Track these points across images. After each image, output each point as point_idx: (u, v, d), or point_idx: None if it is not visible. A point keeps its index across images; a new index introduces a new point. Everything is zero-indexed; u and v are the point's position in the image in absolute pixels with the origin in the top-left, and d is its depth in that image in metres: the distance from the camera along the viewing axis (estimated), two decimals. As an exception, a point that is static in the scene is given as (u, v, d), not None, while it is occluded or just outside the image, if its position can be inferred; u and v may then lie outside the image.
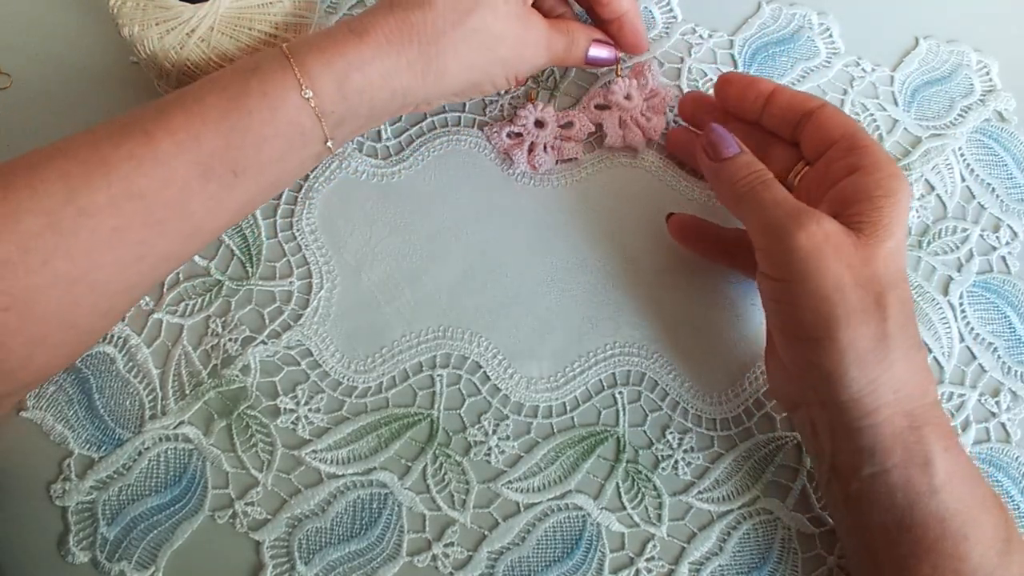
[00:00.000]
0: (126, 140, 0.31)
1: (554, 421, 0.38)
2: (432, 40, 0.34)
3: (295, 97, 0.33)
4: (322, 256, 0.40)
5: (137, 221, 0.31)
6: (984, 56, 0.46)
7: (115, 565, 0.35)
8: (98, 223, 0.30)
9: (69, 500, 0.36)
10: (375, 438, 0.37)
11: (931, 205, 0.42)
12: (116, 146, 0.31)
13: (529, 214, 0.41)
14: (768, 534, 0.36)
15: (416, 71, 0.35)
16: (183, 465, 0.37)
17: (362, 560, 0.36)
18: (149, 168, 0.31)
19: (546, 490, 0.37)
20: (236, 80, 0.33)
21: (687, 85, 0.44)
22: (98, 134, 0.31)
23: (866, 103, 0.44)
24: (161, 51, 0.36)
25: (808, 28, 0.46)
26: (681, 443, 0.37)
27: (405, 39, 0.34)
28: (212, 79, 0.33)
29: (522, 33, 0.37)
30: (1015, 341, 0.40)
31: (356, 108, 0.35)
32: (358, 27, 0.34)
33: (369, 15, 0.35)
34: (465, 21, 0.35)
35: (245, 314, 0.39)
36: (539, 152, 0.41)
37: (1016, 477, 0.38)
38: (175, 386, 0.38)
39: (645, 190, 0.41)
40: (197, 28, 0.36)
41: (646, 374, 0.38)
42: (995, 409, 0.39)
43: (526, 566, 0.36)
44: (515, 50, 0.37)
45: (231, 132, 0.32)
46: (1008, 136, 0.44)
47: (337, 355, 0.38)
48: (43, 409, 0.37)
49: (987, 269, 0.41)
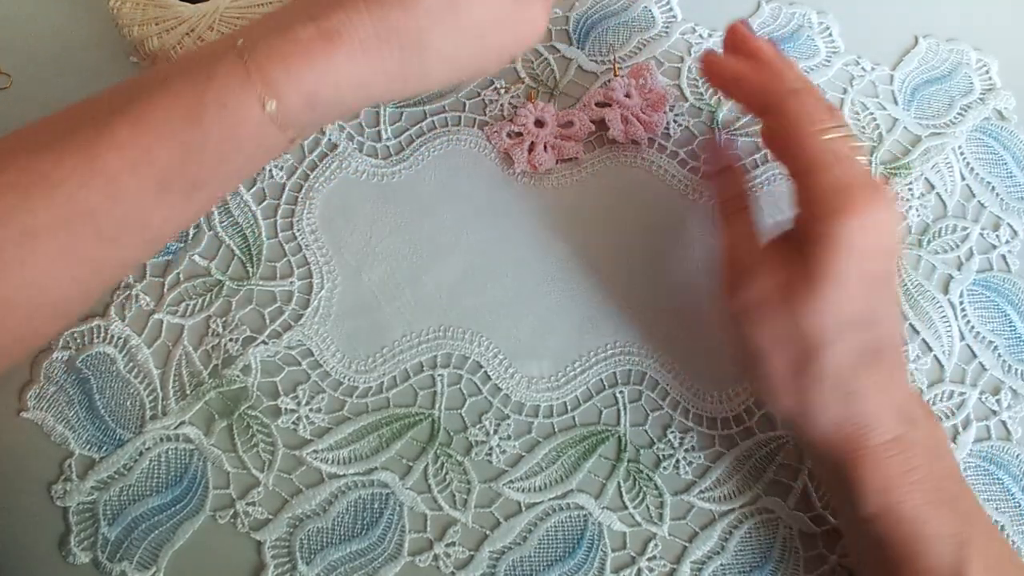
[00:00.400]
0: (68, 155, 0.27)
1: (555, 421, 0.38)
2: (415, 43, 0.30)
3: (257, 112, 0.28)
4: (322, 256, 0.40)
5: (89, 239, 0.28)
6: (984, 55, 0.46)
7: (116, 565, 0.35)
8: (44, 244, 0.27)
9: (70, 500, 0.36)
10: (376, 438, 0.37)
11: (931, 204, 0.42)
12: (57, 161, 0.27)
13: (529, 214, 0.41)
14: (770, 533, 0.36)
15: (395, 78, 0.30)
16: (184, 465, 0.37)
17: (363, 560, 0.36)
18: (97, 185, 0.27)
19: (547, 490, 0.37)
20: (188, 88, 0.28)
21: (687, 85, 0.44)
22: (38, 139, 0.28)
23: (866, 102, 0.44)
24: (161, 51, 0.36)
25: (808, 27, 0.46)
26: (682, 442, 0.37)
27: (384, 45, 0.29)
28: (160, 79, 0.29)
29: (518, 11, 0.32)
30: (1015, 339, 0.40)
31: (325, 115, 0.31)
32: (326, 26, 0.29)
33: (338, 7, 0.29)
34: (453, 17, 0.30)
35: (246, 314, 0.39)
36: (539, 151, 0.41)
37: (1017, 475, 0.38)
38: (176, 386, 0.38)
39: (646, 189, 0.41)
40: (197, 28, 0.36)
41: (647, 373, 0.38)
42: (996, 407, 0.39)
43: (528, 566, 0.36)
44: (510, 33, 0.33)
45: (186, 149, 0.28)
46: (1008, 135, 0.44)
47: (338, 355, 0.38)
48: (44, 410, 0.37)
49: (987, 267, 0.42)
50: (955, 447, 0.38)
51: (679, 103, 0.43)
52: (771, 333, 0.31)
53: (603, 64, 0.44)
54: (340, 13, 0.29)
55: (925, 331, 0.40)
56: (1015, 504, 0.38)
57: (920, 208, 0.42)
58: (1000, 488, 0.38)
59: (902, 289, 0.41)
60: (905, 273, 0.41)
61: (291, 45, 0.28)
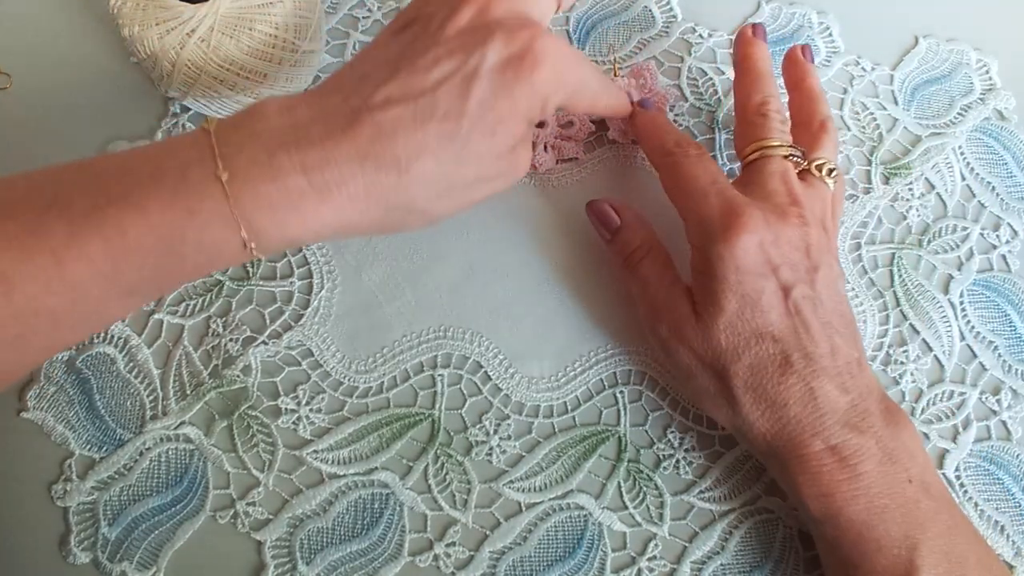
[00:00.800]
0: (30, 259, 0.25)
1: (555, 421, 0.38)
2: (403, 204, 0.29)
3: (236, 246, 0.27)
4: (323, 256, 0.40)
5: (45, 330, 0.27)
6: (984, 55, 0.46)
7: (116, 566, 0.35)
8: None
9: (70, 501, 0.36)
10: (376, 438, 0.37)
11: (931, 204, 0.42)
12: (19, 260, 0.25)
13: (530, 214, 0.41)
14: (770, 533, 0.36)
15: (376, 225, 0.30)
16: (184, 465, 0.37)
17: (364, 560, 0.36)
18: (59, 290, 0.26)
19: (548, 490, 0.37)
20: (166, 219, 0.26)
21: (687, 85, 0.44)
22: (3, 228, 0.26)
23: (866, 102, 0.44)
24: (161, 51, 0.36)
25: (808, 27, 0.46)
26: (682, 442, 0.37)
27: (372, 203, 0.28)
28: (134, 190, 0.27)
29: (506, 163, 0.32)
30: (1015, 339, 0.40)
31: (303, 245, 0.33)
32: (318, 182, 0.27)
33: (332, 162, 0.27)
34: (445, 181, 0.30)
35: (246, 314, 0.39)
36: (539, 151, 0.41)
37: (1017, 475, 0.38)
38: (176, 386, 0.38)
39: (646, 189, 0.41)
40: (197, 28, 0.36)
41: (647, 373, 0.38)
42: (996, 407, 0.39)
43: (528, 566, 0.36)
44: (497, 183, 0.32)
45: (158, 270, 0.27)
46: (1008, 135, 0.44)
47: (338, 355, 0.38)
48: (44, 410, 0.37)
49: (987, 267, 0.42)
50: (955, 447, 0.38)
51: (679, 103, 0.43)
52: (689, 357, 0.34)
53: (603, 64, 0.44)
54: (333, 169, 0.27)
55: (925, 331, 0.40)
56: (1015, 504, 0.38)
57: (920, 208, 0.42)
58: (1000, 488, 0.38)
59: (903, 289, 0.41)
60: (905, 273, 0.41)
61: (280, 196, 0.27)
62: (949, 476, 0.38)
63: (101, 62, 0.43)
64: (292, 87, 0.41)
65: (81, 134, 0.42)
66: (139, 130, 0.42)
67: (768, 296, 0.32)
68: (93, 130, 0.42)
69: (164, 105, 0.42)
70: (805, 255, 0.33)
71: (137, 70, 0.43)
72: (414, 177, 0.28)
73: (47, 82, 0.43)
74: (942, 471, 0.38)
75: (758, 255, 0.32)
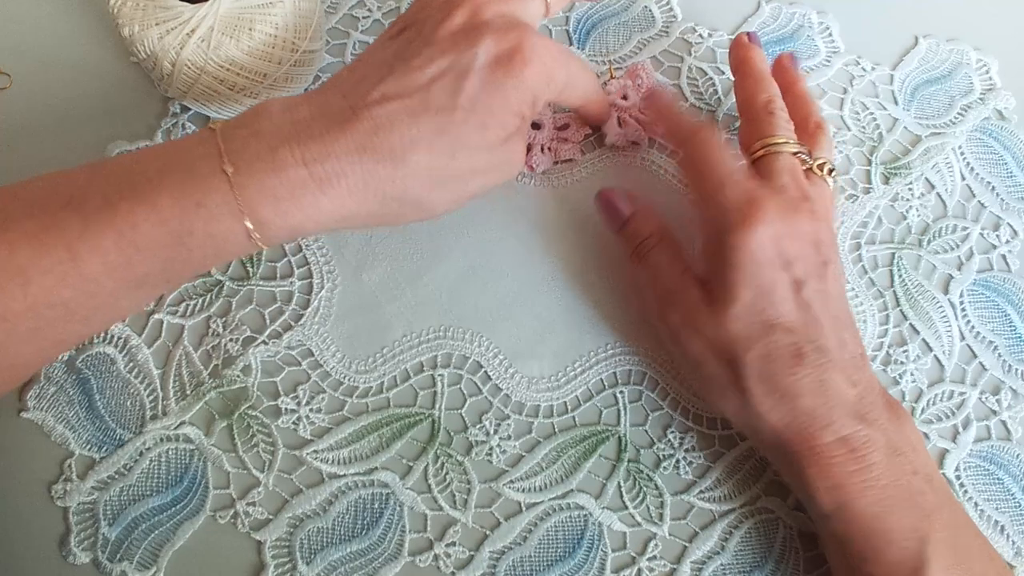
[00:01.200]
0: (46, 253, 0.27)
1: (555, 421, 0.38)
2: (398, 194, 0.31)
3: (241, 236, 0.29)
4: (322, 256, 0.40)
5: (59, 322, 0.29)
6: (984, 55, 0.46)
7: (116, 566, 0.35)
8: (14, 326, 0.28)
9: (70, 501, 0.36)
10: (376, 438, 0.37)
11: (931, 204, 0.42)
12: (35, 257, 0.27)
13: (529, 214, 0.41)
14: (770, 533, 0.36)
15: (374, 216, 0.32)
16: (184, 465, 0.37)
17: (364, 560, 0.36)
18: (73, 283, 0.28)
19: (548, 490, 0.37)
20: (175, 213, 0.28)
21: (686, 84, 0.44)
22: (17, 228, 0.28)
23: (866, 102, 0.44)
24: (161, 51, 0.36)
25: (808, 27, 0.46)
26: (682, 442, 0.37)
27: (370, 192, 0.30)
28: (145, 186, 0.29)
29: (499, 155, 0.33)
30: (1015, 339, 0.40)
31: (306, 235, 0.35)
32: (319, 173, 0.29)
33: (331, 154, 0.29)
34: (439, 172, 0.31)
35: (246, 314, 0.39)
36: (536, 153, 0.41)
37: (1017, 475, 0.38)
38: (176, 386, 0.38)
39: (645, 189, 0.41)
40: (197, 28, 0.36)
41: (647, 373, 0.38)
42: (996, 407, 0.39)
43: (528, 566, 0.36)
44: (491, 176, 0.34)
45: (168, 262, 0.29)
46: (1008, 134, 0.44)
47: (338, 355, 0.38)
48: (44, 410, 0.37)
49: (987, 267, 0.42)
50: (955, 447, 0.38)
51: (679, 103, 0.43)
52: (701, 346, 0.33)
53: (603, 64, 0.44)
54: (333, 162, 0.29)
55: (925, 331, 0.40)
56: (1015, 504, 0.38)
57: (920, 208, 0.42)
58: (1000, 488, 0.38)
59: (903, 289, 0.41)
60: (905, 273, 0.41)
61: (283, 187, 0.29)
62: (949, 476, 0.38)
63: (101, 62, 0.43)
64: (292, 87, 0.41)
65: (81, 134, 0.42)
66: (139, 130, 0.42)
67: (782, 288, 0.32)
68: (93, 130, 0.42)
69: (164, 105, 0.42)
70: (816, 250, 0.33)
71: (137, 70, 0.43)
72: (409, 168, 0.30)
73: (47, 82, 0.43)
74: (942, 471, 0.38)
75: (773, 247, 0.32)
